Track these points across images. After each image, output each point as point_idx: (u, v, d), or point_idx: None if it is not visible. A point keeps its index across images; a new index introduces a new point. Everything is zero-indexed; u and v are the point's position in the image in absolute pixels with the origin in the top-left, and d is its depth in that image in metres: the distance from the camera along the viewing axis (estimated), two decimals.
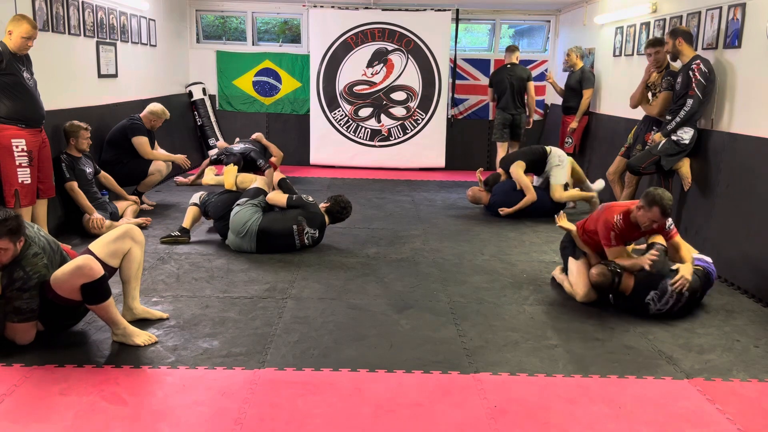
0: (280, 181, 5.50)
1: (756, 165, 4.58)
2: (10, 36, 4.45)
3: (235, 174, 5.58)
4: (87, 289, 3.24)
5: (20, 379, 3.05)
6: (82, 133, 5.58)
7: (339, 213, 5.38)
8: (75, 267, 3.22)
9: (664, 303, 3.99)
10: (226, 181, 5.55)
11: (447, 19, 9.21)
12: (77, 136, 5.55)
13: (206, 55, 9.68)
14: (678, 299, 3.99)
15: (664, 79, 5.53)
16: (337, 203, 5.38)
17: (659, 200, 4.01)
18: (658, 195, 4.02)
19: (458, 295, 4.35)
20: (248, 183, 5.50)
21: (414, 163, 9.56)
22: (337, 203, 5.39)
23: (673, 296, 3.97)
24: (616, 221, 4.19)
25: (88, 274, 3.21)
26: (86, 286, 3.23)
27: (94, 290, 3.26)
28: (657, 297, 3.98)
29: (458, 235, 5.96)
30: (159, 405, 2.86)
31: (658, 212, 4.01)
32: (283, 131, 9.70)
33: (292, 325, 3.75)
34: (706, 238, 5.08)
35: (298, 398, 2.95)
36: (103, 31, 6.62)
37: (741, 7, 4.84)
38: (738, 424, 2.86)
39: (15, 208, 4.65)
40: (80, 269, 3.21)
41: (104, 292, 3.31)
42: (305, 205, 5.24)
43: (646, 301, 4.01)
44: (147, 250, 5.11)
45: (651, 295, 3.99)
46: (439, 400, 2.98)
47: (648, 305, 4.02)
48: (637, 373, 3.29)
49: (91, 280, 3.22)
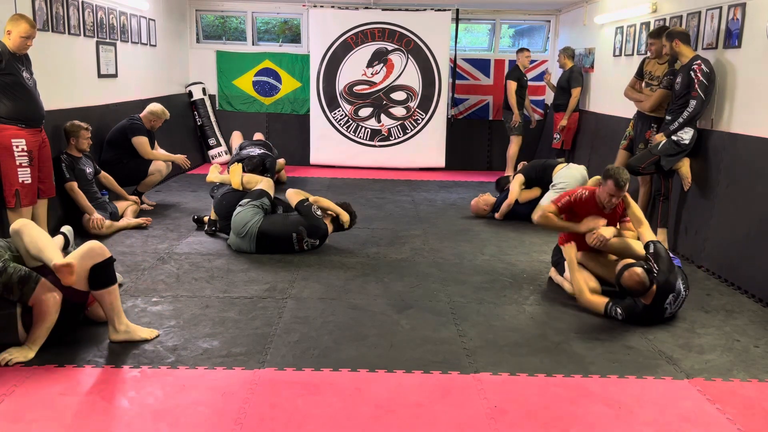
0: (298, 204, 5.34)
1: (756, 165, 4.58)
2: (9, 36, 4.45)
3: (241, 173, 5.57)
4: (97, 270, 3.29)
5: (20, 379, 3.05)
6: (83, 133, 5.57)
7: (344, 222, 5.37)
8: (87, 248, 3.31)
9: (677, 305, 3.93)
10: (232, 180, 5.55)
11: (447, 19, 9.20)
12: (78, 135, 5.55)
13: (206, 55, 9.68)
14: (684, 298, 3.98)
15: (665, 77, 5.53)
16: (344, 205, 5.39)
17: (613, 173, 4.15)
18: (613, 169, 4.19)
19: (458, 295, 4.35)
20: (254, 183, 5.50)
21: (414, 163, 9.55)
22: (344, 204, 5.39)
23: (682, 295, 3.94)
24: (580, 192, 4.37)
25: (99, 254, 3.31)
26: (96, 267, 3.29)
27: (103, 270, 3.32)
28: (673, 299, 3.89)
29: (458, 235, 5.96)
30: (159, 405, 2.86)
31: (612, 185, 4.15)
32: (283, 131, 9.70)
33: (292, 325, 3.75)
34: (706, 238, 5.08)
35: (298, 398, 2.95)
36: (103, 31, 6.62)
37: (741, 7, 4.84)
38: (738, 424, 2.86)
39: (16, 208, 4.66)
40: (92, 249, 3.31)
41: (113, 275, 3.39)
42: (310, 216, 5.18)
43: (664, 306, 3.88)
44: (147, 250, 5.13)
45: (669, 299, 3.87)
46: (439, 400, 2.98)
47: (665, 310, 3.89)
48: (637, 373, 3.29)
49: (102, 260, 3.30)
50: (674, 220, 5.53)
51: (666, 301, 3.86)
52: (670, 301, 3.88)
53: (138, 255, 4.99)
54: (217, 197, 5.54)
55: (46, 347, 3.32)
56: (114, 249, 5.12)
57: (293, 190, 5.43)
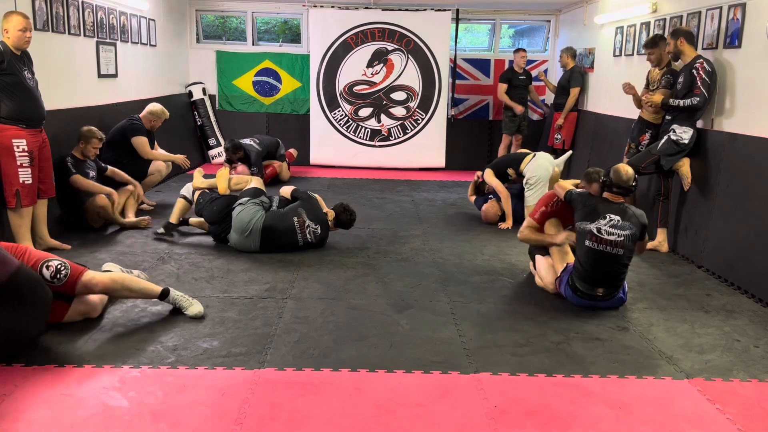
0: (293, 192, 5.53)
1: (756, 165, 4.58)
2: (8, 34, 4.45)
3: (227, 178, 5.55)
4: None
5: (20, 379, 3.05)
6: (94, 142, 5.65)
7: (342, 215, 5.35)
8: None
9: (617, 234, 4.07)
10: (219, 185, 5.49)
11: (447, 19, 9.21)
12: (88, 142, 5.61)
13: (206, 55, 9.69)
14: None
15: (664, 77, 5.53)
16: (341, 205, 5.41)
17: (597, 177, 4.39)
18: (595, 172, 4.46)
19: (458, 295, 4.35)
20: (243, 184, 5.50)
21: (414, 163, 9.56)
22: (342, 205, 5.41)
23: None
24: (554, 201, 4.50)
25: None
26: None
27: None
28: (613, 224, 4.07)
29: (458, 235, 5.96)
30: (159, 405, 2.86)
31: (597, 189, 4.33)
32: (283, 131, 9.69)
33: (292, 325, 3.75)
34: (706, 238, 5.08)
35: (298, 398, 2.95)
36: (103, 31, 6.62)
37: (741, 7, 4.84)
38: (738, 424, 2.86)
39: (16, 208, 4.66)
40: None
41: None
42: (307, 198, 5.33)
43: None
44: (147, 250, 5.13)
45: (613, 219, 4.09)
46: (439, 400, 2.98)
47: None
48: (637, 373, 3.29)
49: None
50: (674, 220, 5.53)
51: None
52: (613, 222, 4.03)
53: (138, 255, 4.99)
54: (206, 203, 5.35)
55: (46, 347, 3.33)
56: (114, 249, 5.13)
57: (286, 186, 5.60)
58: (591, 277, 4.06)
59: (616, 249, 4.01)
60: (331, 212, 5.38)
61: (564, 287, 4.20)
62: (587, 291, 4.08)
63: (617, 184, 4.12)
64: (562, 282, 4.21)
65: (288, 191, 5.51)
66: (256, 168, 7.52)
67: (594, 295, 4.08)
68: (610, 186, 4.14)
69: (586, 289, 4.07)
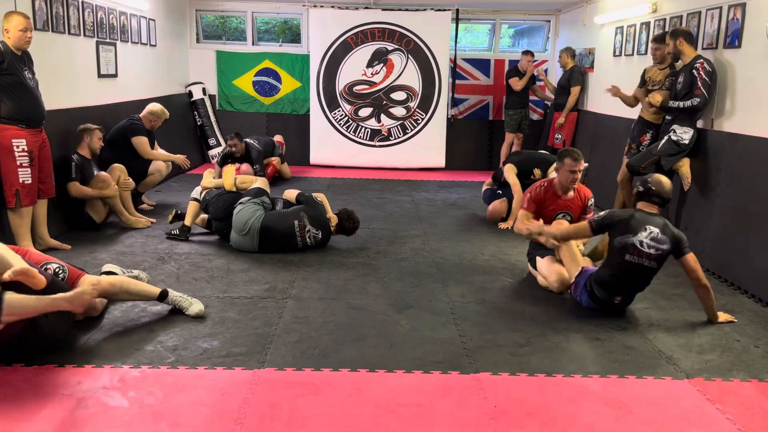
0: (298, 195, 5.48)
1: (756, 165, 4.58)
2: (8, 33, 4.45)
3: (234, 175, 5.58)
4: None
5: (20, 379, 3.05)
6: (96, 133, 5.68)
7: (346, 222, 5.32)
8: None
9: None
10: (225, 182, 5.54)
11: (447, 19, 9.21)
12: (92, 135, 5.64)
13: (206, 55, 9.68)
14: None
15: (668, 78, 5.54)
16: (346, 212, 5.38)
17: (565, 151, 4.53)
18: (564, 149, 4.59)
19: (458, 295, 4.35)
20: (249, 183, 5.51)
21: (414, 163, 9.56)
22: (346, 212, 5.38)
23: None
24: (539, 186, 4.55)
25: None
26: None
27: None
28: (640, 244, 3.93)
29: (458, 235, 5.96)
30: (159, 405, 2.86)
31: (569, 160, 4.44)
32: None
33: (292, 325, 3.75)
34: (706, 238, 5.08)
35: (298, 398, 2.95)
36: (103, 31, 6.62)
37: (741, 7, 4.84)
38: (738, 424, 2.86)
39: (16, 208, 4.66)
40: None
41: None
42: (310, 202, 5.31)
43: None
44: (147, 250, 5.13)
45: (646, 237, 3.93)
46: (439, 400, 2.98)
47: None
48: (637, 373, 3.29)
49: None
50: (674, 220, 5.53)
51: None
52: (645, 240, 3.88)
53: (138, 255, 4.99)
54: (212, 198, 5.47)
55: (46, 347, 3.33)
56: (114, 249, 5.13)
57: (290, 189, 5.52)
58: (616, 287, 3.97)
59: (652, 263, 3.89)
60: (334, 218, 5.35)
61: (581, 291, 4.10)
62: (605, 298, 4.00)
63: (658, 193, 3.96)
64: (579, 286, 4.12)
65: (293, 195, 5.46)
66: (258, 166, 7.48)
67: (611, 302, 4.01)
68: (650, 195, 3.99)
69: (604, 297, 3.99)
